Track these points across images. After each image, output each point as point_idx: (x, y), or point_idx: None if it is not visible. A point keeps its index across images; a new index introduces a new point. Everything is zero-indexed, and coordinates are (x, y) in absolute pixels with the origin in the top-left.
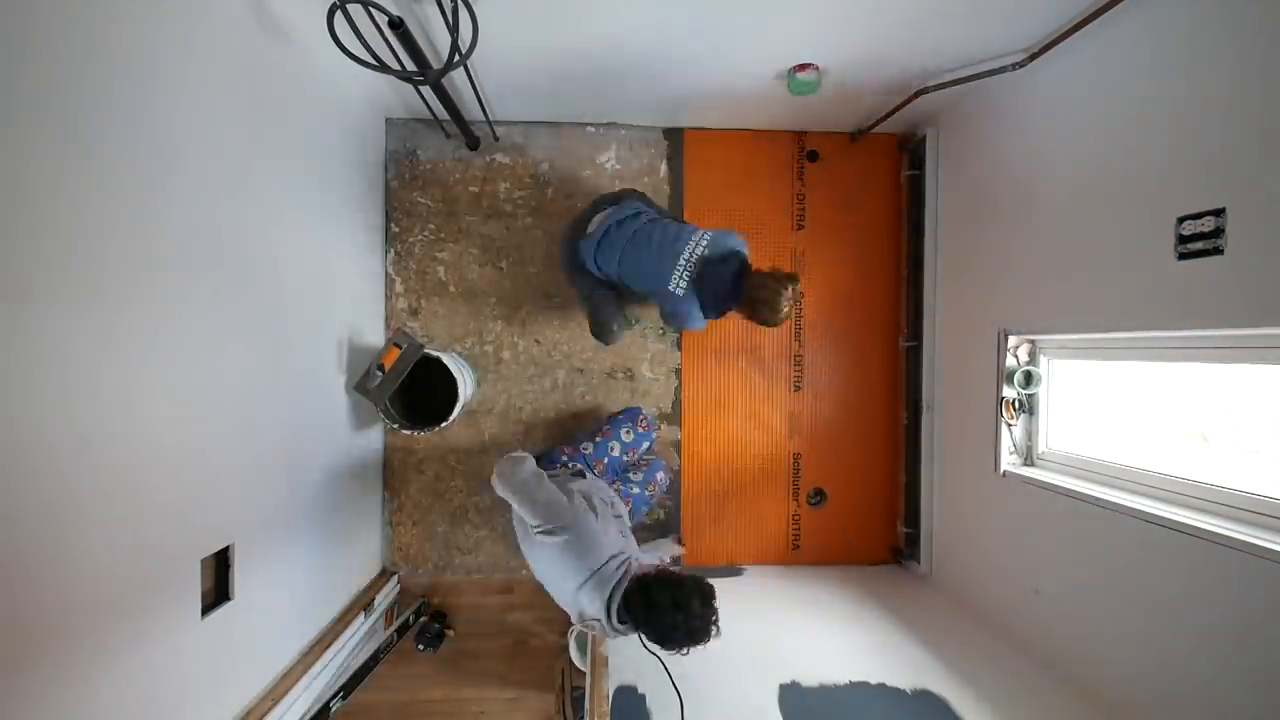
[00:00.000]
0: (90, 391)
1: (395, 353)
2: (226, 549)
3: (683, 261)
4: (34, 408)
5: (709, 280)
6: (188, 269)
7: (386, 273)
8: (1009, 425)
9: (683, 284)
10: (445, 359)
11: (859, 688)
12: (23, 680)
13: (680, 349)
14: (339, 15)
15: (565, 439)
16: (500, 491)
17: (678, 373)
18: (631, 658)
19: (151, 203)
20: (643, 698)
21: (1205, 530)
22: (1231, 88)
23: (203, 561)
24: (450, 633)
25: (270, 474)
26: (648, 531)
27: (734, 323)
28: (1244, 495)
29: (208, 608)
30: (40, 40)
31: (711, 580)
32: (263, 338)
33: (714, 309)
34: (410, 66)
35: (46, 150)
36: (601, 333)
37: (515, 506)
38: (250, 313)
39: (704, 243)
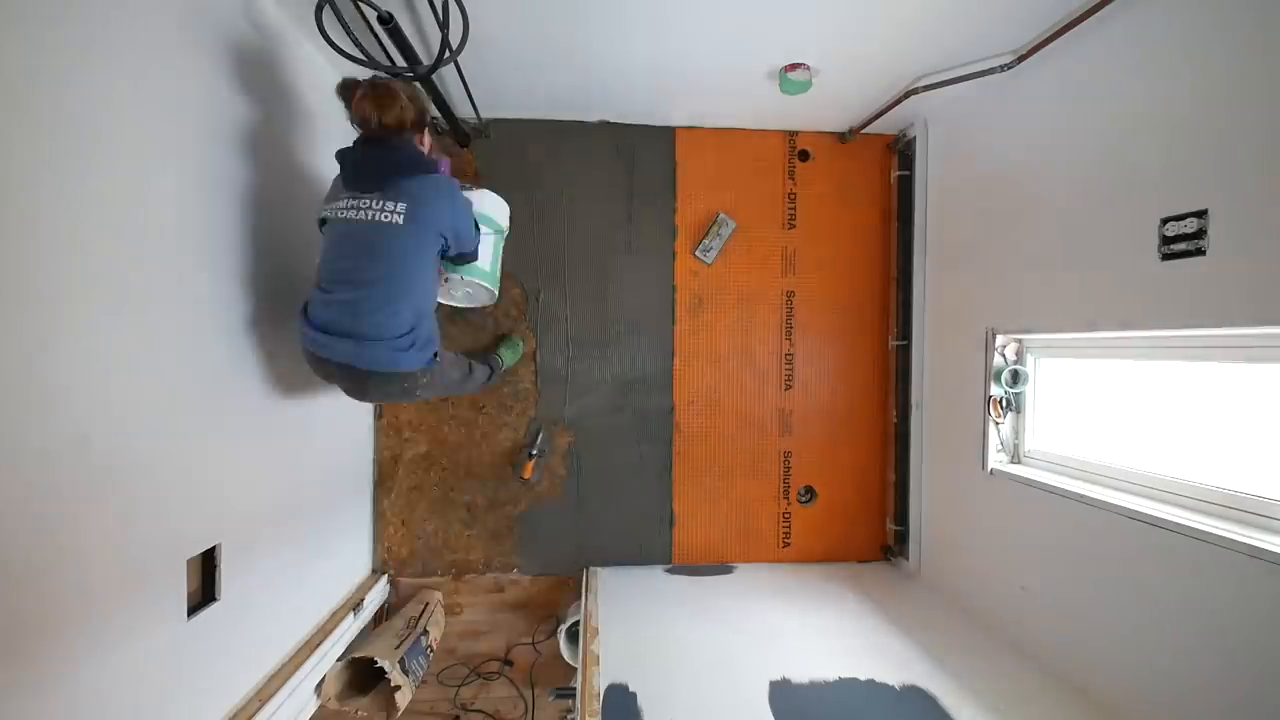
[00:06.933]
0: (89, 389)
1: None
2: (213, 549)
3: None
4: (35, 405)
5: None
6: (179, 267)
7: None
8: (996, 424)
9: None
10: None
11: (848, 684)
12: (3, 681)
13: (674, 354)
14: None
15: None
16: None
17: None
18: (624, 656)
19: (142, 203)
20: (634, 696)
21: (1191, 527)
22: (1214, 91)
23: (189, 562)
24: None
25: (258, 472)
26: (643, 522)
27: (726, 324)
28: (1228, 493)
29: (194, 608)
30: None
31: (702, 578)
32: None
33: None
34: (400, 62)
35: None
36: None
37: None
38: (242, 314)
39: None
